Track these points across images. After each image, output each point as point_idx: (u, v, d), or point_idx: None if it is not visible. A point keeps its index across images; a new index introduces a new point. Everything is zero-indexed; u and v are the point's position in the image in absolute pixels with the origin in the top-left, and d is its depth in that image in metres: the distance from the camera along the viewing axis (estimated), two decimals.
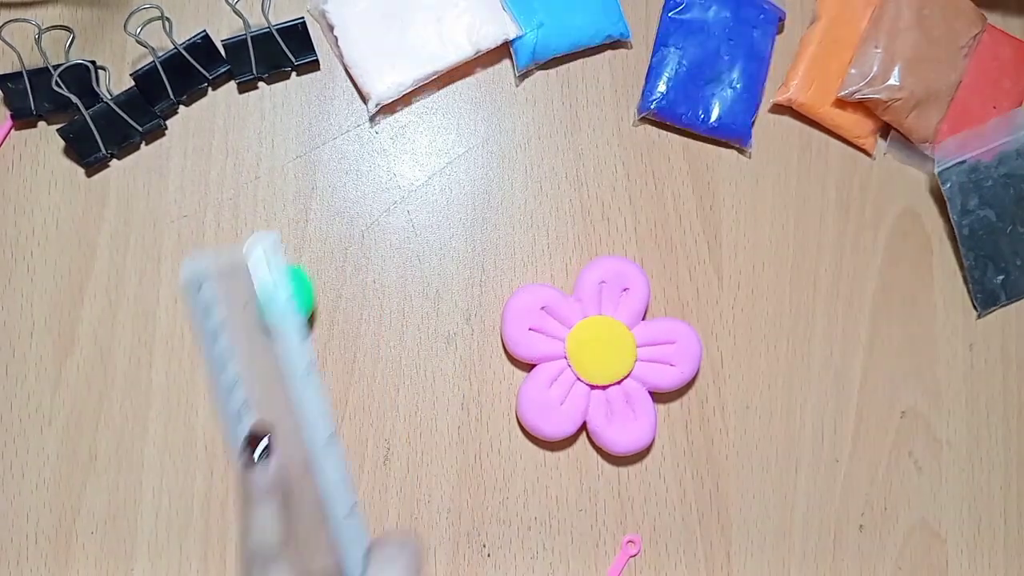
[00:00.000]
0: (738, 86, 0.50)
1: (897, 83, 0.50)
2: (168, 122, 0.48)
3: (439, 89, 0.50)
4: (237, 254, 0.39)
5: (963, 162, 0.51)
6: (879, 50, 0.50)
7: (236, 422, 0.39)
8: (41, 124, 0.48)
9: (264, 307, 0.39)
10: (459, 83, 0.50)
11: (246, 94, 0.49)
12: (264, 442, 0.38)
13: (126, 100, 0.46)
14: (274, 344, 0.39)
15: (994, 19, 0.53)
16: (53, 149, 0.48)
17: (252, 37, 0.47)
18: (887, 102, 0.50)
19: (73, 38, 0.45)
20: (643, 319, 0.48)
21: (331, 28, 0.48)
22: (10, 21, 0.44)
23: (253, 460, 0.37)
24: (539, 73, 0.51)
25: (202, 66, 0.47)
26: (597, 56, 0.51)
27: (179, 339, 0.47)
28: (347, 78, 0.50)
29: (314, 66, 0.50)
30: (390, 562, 0.36)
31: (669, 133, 0.51)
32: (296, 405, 0.39)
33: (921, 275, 0.52)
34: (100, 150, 0.47)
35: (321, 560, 0.39)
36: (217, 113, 0.49)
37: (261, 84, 0.49)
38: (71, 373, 0.46)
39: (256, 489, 0.37)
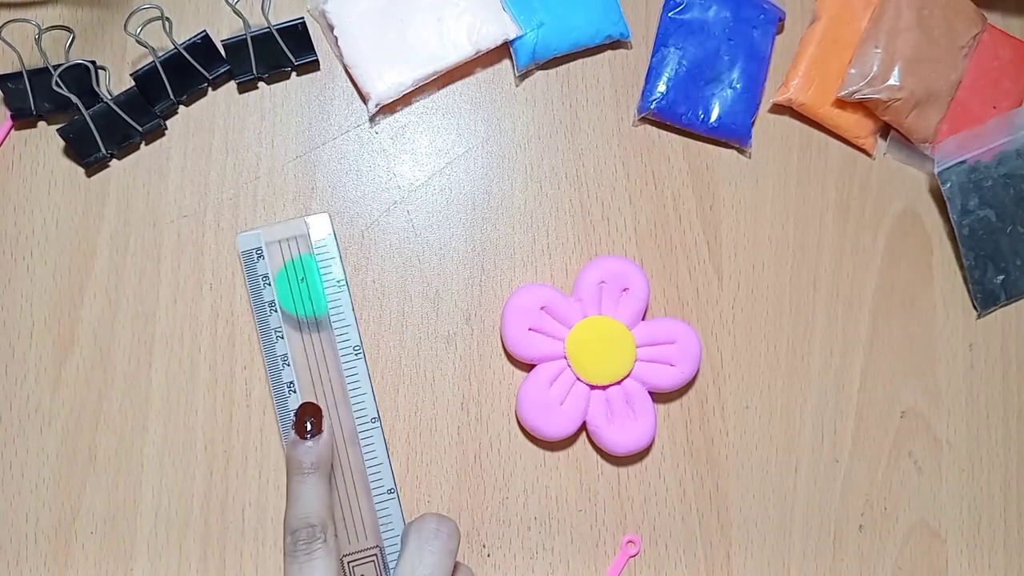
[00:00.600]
0: (738, 86, 0.50)
1: (897, 83, 0.50)
2: (168, 122, 0.48)
3: (439, 89, 0.50)
4: (295, 230, 0.42)
5: (963, 162, 0.51)
6: (879, 50, 0.50)
7: (286, 395, 0.41)
8: (41, 124, 0.48)
9: (323, 284, 0.42)
10: (459, 83, 0.51)
11: (246, 94, 0.49)
12: (313, 420, 0.39)
13: (126, 100, 0.46)
14: (325, 323, 0.42)
15: (994, 19, 0.53)
16: (53, 149, 0.48)
17: (252, 37, 0.47)
18: (887, 102, 0.50)
19: (73, 38, 0.45)
20: (643, 319, 0.48)
21: (331, 28, 0.48)
22: (10, 21, 0.44)
23: (303, 436, 0.39)
24: (539, 73, 0.51)
25: (202, 66, 0.47)
26: (597, 56, 0.51)
27: (179, 339, 0.47)
28: (347, 78, 0.50)
29: (314, 66, 0.50)
30: (430, 538, 0.37)
31: (669, 133, 0.51)
32: (346, 382, 0.41)
33: (921, 275, 0.52)
34: (100, 150, 0.47)
35: (355, 544, 0.41)
36: (217, 113, 0.49)
37: (261, 84, 0.49)
38: (71, 373, 0.46)
39: (304, 464, 0.38)
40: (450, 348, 0.48)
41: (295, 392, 0.42)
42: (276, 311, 0.42)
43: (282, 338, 0.42)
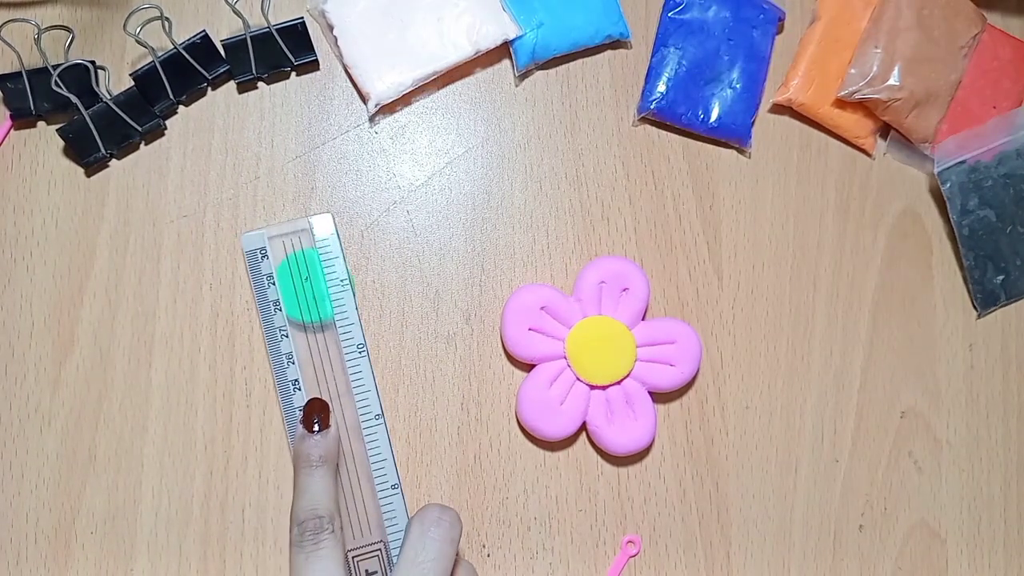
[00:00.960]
0: (738, 86, 0.50)
1: (897, 83, 0.50)
2: (168, 122, 0.48)
3: (439, 89, 0.50)
4: (298, 229, 0.43)
5: (963, 162, 0.51)
6: (879, 50, 0.50)
7: (291, 392, 0.42)
8: (40, 124, 0.48)
9: (327, 283, 0.42)
10: (459, 83, 0.50)
11: (246, 94, 0.49)
12: (320, 415, 0.40)
13: (126, 100, 0.46)
14: (330, 322, 0.42)
15: (994, 19, 0.53)
16: (53, 149, 0.48)
17: (252, 37, 0.47)
18: (887, 102, 0.50)
19: (73, 38, 0.45)
20: (643, 319, 0.48)
21: (331, 28, 0.48)
22: (10, 21, 0.44)
23: (311, 430, 0.40)
24: (539, 73, 0.51)
25: (202, 66, 0.47)
26: (597, 56, 0.51)
27: (179, 339, 0.47)
28: (347, 78, 0.50)
29: (314, 66, 0.50)
30: (432, 525, 0.37)
31: (669, 133, 0.51)
32: (350, 380, 0.42)
33: (921, 275, 0.52)
34: (100, 150, 0.47)
35: (359, 539, 0.42)
36: (217, 113, 0.49)
37: (261, 84, 0.49)
38: (71, 373, 0.46)
39: (312, 457, 0.39)
40: (450, 348, 0.48)
41: (300, 390, 0.43)
42: (280, 310, 0.43)
43: (286, 336, 0.43)
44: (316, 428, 0.40)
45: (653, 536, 0.48)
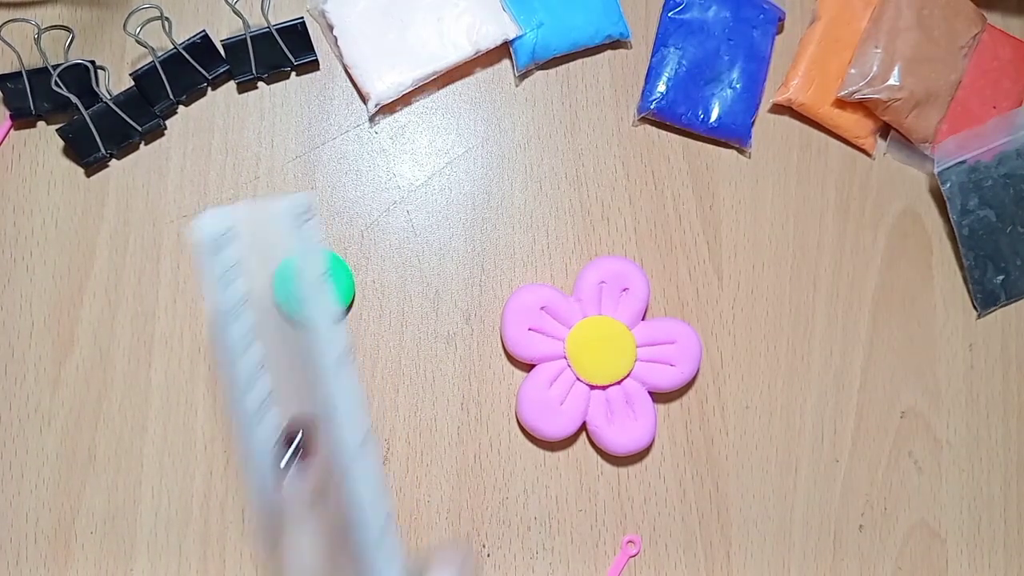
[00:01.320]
0: (738, 86, 0.50)
1: (897, 83, 0.50)
2: (167, 122, 0.48)
3: (439, 89, 0.50)
4: (262, 213, 0.31)
5: (963, 162, 0.51)
6: (879, 50, 0.50)
7: (256, 421, 0.31)
8: (40, 124, 0.48)
9: (293, 281, 0.31)
10: (459, 83, 0.50)
11: (245, 94, 0.49)
12: (295, 442, 0.31)
13: (126, 100, 0.46)
14: (302, 328, 0.31)
15: (994, 19, 0.53)
16: (53, 149, 0.48)
17: (252, 37, 0.47)
18: (887, 102, 0.50)
19: (73, 38, 0.45)
20: (643, 319, 0.48)
21: (331, 28, 0.48)
22: (10, 21, 0.44)
23: (287, 466, 0.30)
24: (539, 73, 0.51)
25: (202, 66, 0.47)
26: (597, 56, 0.51)
27: (179, 339, 0.47)
28: (347, 78, 0.49)
29: (314, 66, 0.50)
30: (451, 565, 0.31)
31: (669, 133, 0.51)
32: (325, 401, 0.31)
33: (921, 275, 0.52)
34: (100, 150, 0.47)
35: None
36: (216, 113, 0.49)
37: (261, 84, 0.49)
38: (70, 373, 0.46)
39: (293, 504, 0.30)
40: (450, 348, 0.48)
41: (268, 412, 0.32)
42: (240, 318, 0.31)
43: (253, 343, 0.31)
44: (292, 461, 0.30)
45: (653, 536, 0.48)
